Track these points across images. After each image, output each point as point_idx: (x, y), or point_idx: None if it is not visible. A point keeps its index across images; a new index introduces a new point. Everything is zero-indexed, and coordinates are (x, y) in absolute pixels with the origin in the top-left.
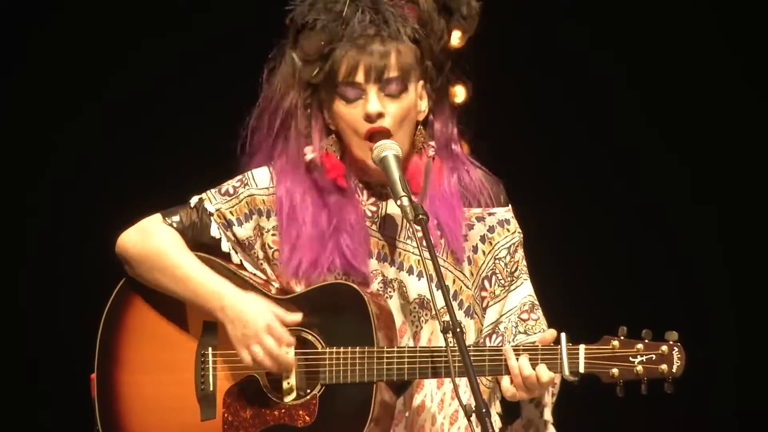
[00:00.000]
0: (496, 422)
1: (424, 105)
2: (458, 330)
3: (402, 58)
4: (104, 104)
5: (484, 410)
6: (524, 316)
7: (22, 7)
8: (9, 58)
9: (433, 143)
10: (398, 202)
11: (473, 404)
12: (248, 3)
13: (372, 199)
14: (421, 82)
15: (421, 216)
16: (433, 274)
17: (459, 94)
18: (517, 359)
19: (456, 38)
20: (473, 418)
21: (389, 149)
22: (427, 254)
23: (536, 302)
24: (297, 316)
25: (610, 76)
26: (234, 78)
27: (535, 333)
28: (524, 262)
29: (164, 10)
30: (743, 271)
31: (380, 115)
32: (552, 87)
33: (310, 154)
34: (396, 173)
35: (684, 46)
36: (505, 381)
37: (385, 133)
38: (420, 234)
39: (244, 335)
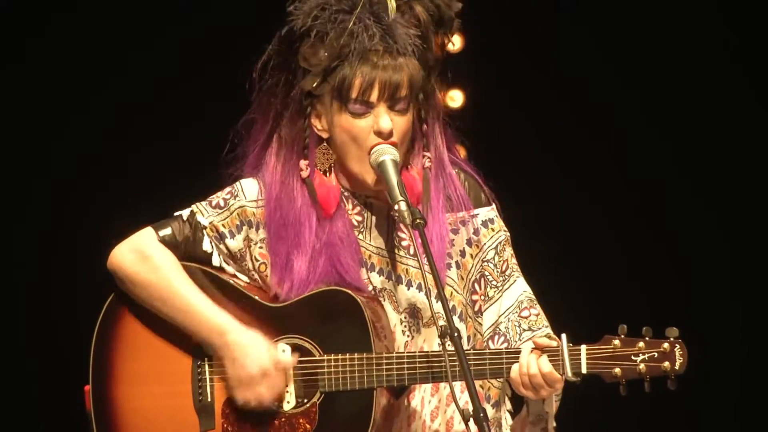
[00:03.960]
0: (507, 419)
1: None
2: (456, 335)
3: (411, 75)
4: (104, 107)
5: (481, 414)
6: (525, 313)
7: (23, 7)
8: (8, 58)
9: (428, 153)
10: (396, 206)
11: (470, 408)
12: (248, 4)
13: (357, 209)
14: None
15: (418, 220)
16: (431, 276)
17: (456, 98)
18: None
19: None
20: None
21: (388, 153)
22: (424, 254)
23: (533, 297)
24: (292, 360)
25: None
26: (234, 80)
27: (540, 328)
28: (514, 260)
29: (164, 10)
30: (743, 264)
31: (391, 133)
32: (552, 88)
33: (305, 170)
34: (394, 177)
35: (684, 46)
36: (513, 371)
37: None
38: (414, 236)
39: (240, 377)
